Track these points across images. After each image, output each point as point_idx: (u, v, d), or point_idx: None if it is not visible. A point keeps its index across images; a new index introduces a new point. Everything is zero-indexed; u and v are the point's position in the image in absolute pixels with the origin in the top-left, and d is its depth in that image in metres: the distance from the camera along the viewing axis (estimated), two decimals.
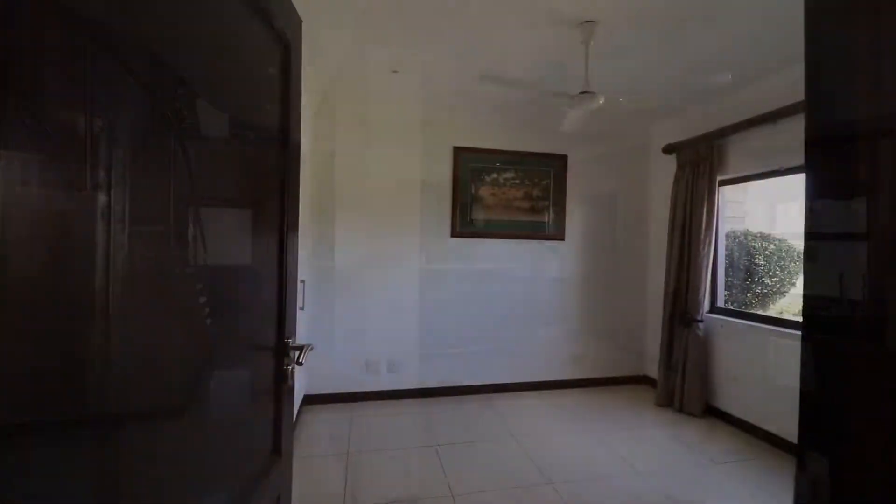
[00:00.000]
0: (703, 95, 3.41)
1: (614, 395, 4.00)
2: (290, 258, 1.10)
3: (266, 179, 1.05)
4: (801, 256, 3.00)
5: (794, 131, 2.87)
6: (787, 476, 2.57)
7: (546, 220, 4.10)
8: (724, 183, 3.49)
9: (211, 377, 0.77)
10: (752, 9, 2.20)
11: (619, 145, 4.28)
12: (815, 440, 0.77)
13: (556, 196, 4.12)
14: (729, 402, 3.35)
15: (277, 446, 1.14)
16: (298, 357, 1.05)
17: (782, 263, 3.71)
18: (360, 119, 3.74)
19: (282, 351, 1.05)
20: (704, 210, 3.45)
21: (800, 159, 2.86)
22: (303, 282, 3.08)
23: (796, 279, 3.70)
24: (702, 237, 3.47)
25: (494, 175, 3.99)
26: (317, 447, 2.89)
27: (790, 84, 2.85)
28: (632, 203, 4.34)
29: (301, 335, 3.20)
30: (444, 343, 3.90)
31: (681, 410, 3.57)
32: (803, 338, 0.84)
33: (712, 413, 3.47)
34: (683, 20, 2.30)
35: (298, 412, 3.30)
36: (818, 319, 0.80)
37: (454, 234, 3.91)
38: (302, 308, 3.10)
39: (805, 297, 0.83)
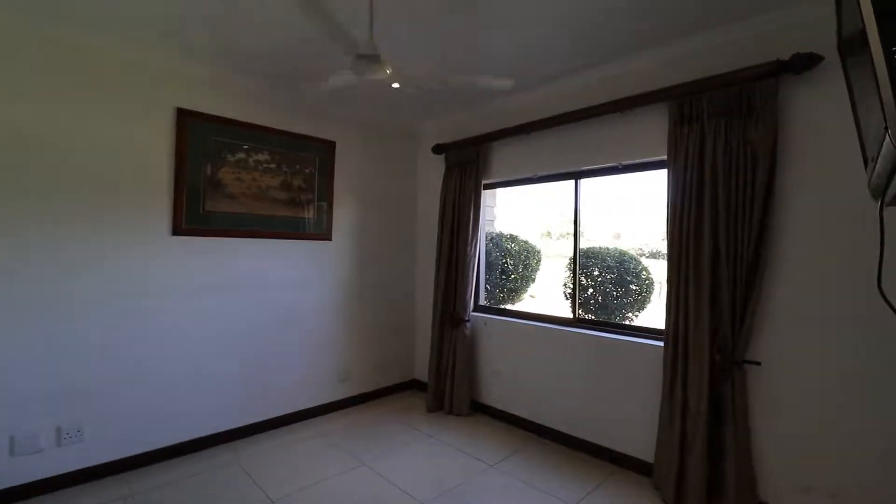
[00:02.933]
0: (471, 99, 3.42)
1: (386, 408, 3.69)
2: None
3: None
4: (540, 255, 3.30)
5: (545, 143, 3.14)
6: (551, 460, 2.75)
7: (310, 215, 3.43)
8: (487, 186, 3.63)
9: None
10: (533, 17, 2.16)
11: (391, 139, 4.00)
12: None
13: (323, 188, 3.49)
14: (492, 396, 3.49)
15: None
16: None
17: (526, 262, 4.17)
18: None
19: None
20: (471, 212, 3.49)
21: (550, 169, 3.13)
22: None
23: (535, 274, 4.22)
24: (469, 238, 3.50)
25: (242, 155, 3.06)
26: None
27: (543, 99, 3.10)
28: (402, 201, 4.13)
29: None
30: (161, 385, 2.74)
31: (450, 412, 3.54)
32: None
33: (478, 409, 3.56)
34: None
35: None
36: None
37: (178, 231, 2.78)
38: None
39: None
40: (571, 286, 3.18)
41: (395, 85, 2.95)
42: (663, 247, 3.86)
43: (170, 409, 2.75)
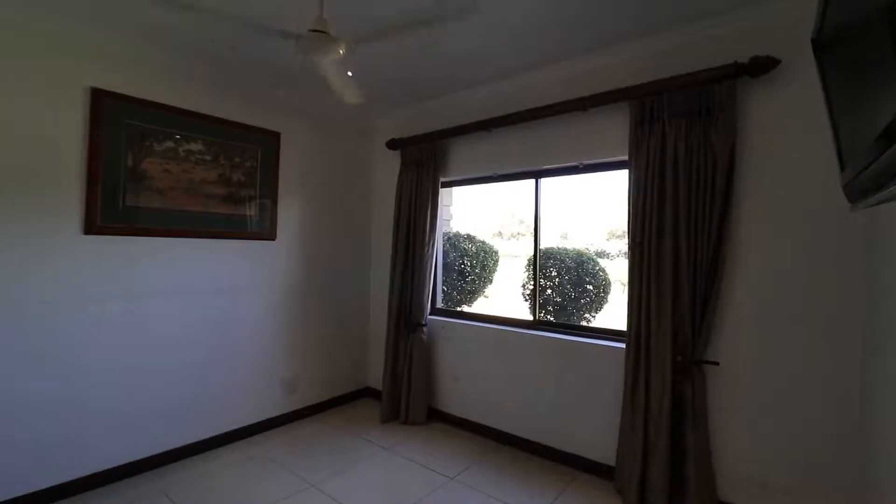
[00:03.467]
0: (428, 92, 3.27)
1: (337, 419, 3.45)
2: None
3: None
4: (498, 255, 3.21)
5: (506, 141, 3.04)
6: (512, 468, 2.65)
7: (252, 213, 3.12)
8: (445, 185, 3.48)
9: None
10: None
11: (343, 132, 3.75)
12: None
13: (266, 184, 3.19)
14: (450, 403, 3.36)
15: None
16: None
17: (484, 262, 4.08)
18: None
19: None
20: (429, 211, 3.33)
21: (511, 167, 3.04)
22: None
23: (494, 275, 4.14)
24: (426, 238, 3.34)
25: (170, 144, 2.71)
26: None
27: (504, 95, 3.00)
28: (354, 199, 3.88)
29: None
30: (67, 408, 2.35)
31: (406, 422, 3.37)
32: None
33: (435, 417, 3.41)
34: None
35: None
36: None
37: (93, 230, 2.41)
38: None
39: None
40: (531, 287, 3.11)
41: (350, 73, 2.74)
42: (608, 246, 3.94)
43: (79, 436, 2.37)
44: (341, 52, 1.72)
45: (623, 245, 3.85)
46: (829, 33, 1.07)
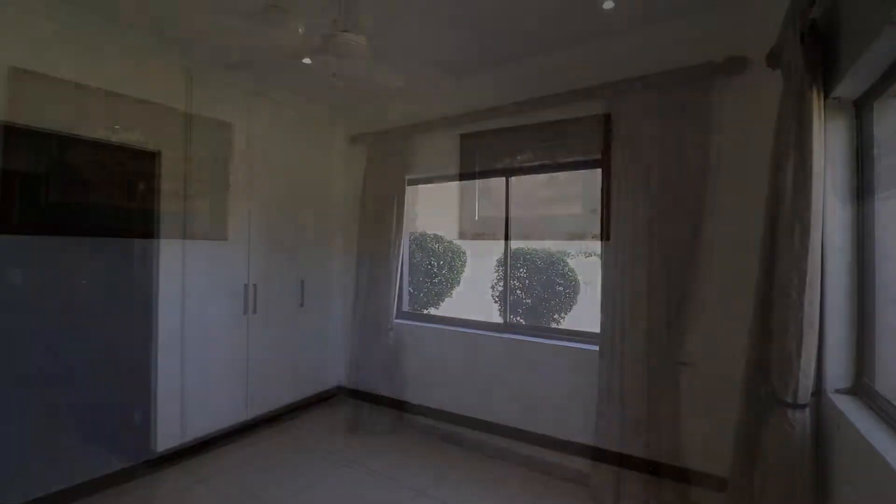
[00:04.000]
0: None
1: (300, 430, 3.23)
2: None
3: None
4: (466, 255, 3.09)
5: (476, 138, 2.93)
6: (485, 476, 2.54)
7: (199, 211, 2.84)
8: (411, 182, 3.33)
9: None
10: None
11: (304, 124, 3.50)
12: None
13: (217, 179, 2.93)
14: (419, 410, 3.21)
15: None
16: None
17: (451, 263, 3.96)
18: None
19: None
20: (395, 210, 3.18)
21: (481, 165, 2.92)
22: None
23: (461, 276, 4.03)
24: (392, 238, 3.19)
25: (104, 132, 2.41)
26: None
27: (474, 90, 2.89)
28: (315, 196, 3.64)
29: None
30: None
31: (374, 430, 3.20)
32: None
33: (405, 424, 3.26)
34: None
35: None
36: None
37: (7, 228, 2.09)
38: None
39: None
40: (500, 289, 3.02)
41: (307, 60, 2.54)
42: (568, 246, 3.92)
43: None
44: (300, 30, 1.54)
45: (584, 245, 3.86)
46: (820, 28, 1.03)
